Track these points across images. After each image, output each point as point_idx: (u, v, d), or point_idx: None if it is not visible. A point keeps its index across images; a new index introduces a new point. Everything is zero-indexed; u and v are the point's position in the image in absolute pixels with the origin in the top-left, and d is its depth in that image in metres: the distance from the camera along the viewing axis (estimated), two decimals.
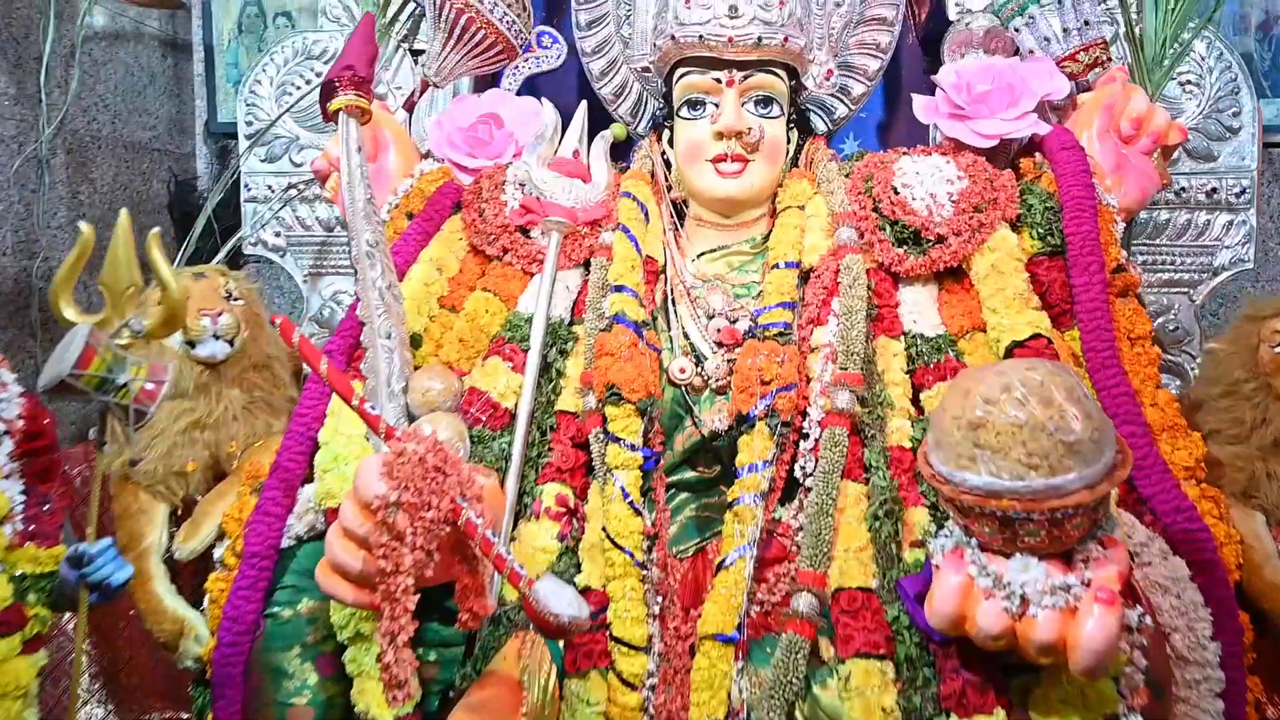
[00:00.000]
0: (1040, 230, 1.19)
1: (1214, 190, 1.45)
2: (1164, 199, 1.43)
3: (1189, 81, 1.42)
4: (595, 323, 1.18)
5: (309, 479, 1.08)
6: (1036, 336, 1.09)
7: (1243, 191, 1.44)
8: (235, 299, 1.33)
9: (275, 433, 1.20)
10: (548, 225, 1.23)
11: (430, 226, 1.30)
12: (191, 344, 1.30)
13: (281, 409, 1.28)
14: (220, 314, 1.29)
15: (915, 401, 1.13)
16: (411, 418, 1.13)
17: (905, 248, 1.19)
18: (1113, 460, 0.80)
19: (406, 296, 1.21)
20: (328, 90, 1.12)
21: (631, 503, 1.07)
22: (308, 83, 1.59)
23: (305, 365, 1.10)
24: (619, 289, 1.18)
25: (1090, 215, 1.15)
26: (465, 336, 1.21)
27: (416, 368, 1.19)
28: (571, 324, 1.23)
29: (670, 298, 1.25)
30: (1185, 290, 1.46)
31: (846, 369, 1.09)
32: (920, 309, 1.18)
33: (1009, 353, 1.10)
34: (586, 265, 1.26)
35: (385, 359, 1.11)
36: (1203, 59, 1.42)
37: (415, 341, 1.21)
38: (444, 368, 1.17)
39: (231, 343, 1.31)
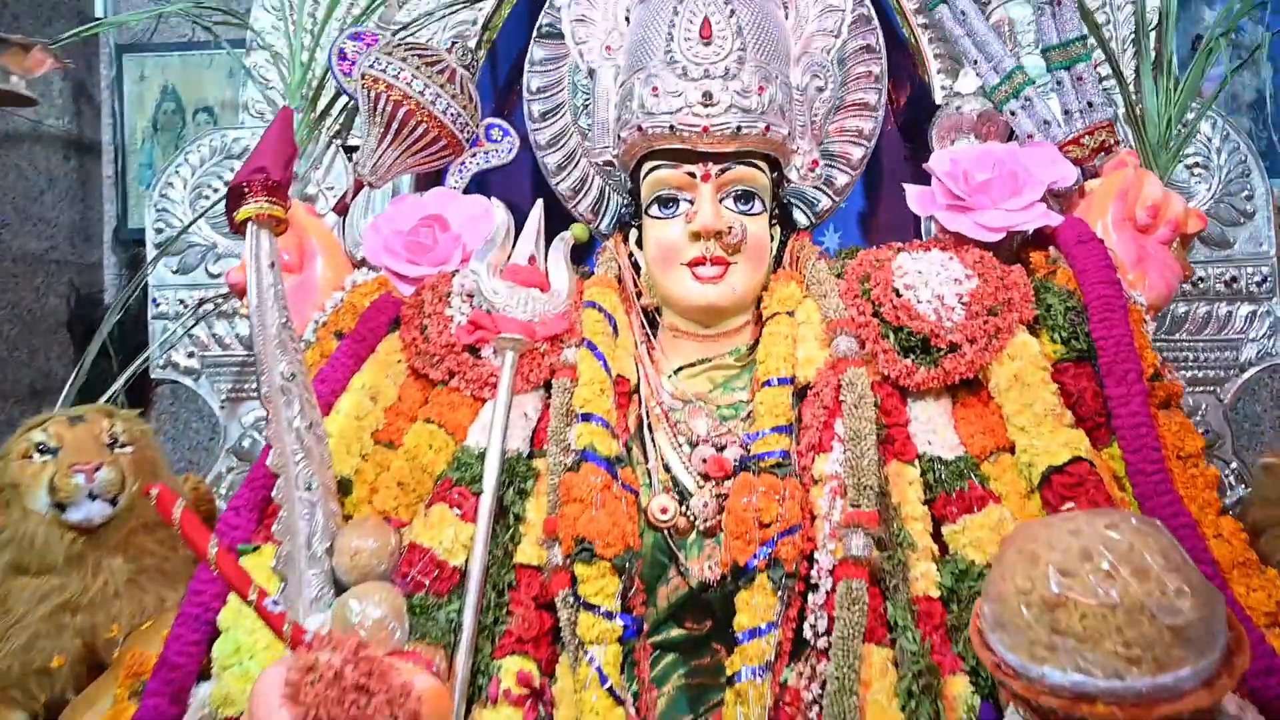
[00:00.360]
0: (1063, 333, 1.05)
1: (1234, 279, 1.34)
2: (1181, 290, 1.31)
3: (1197, 164, 1.32)
4: (559, 457, 1.01)
5: (207, 674, 0.87)
6: (1077, 460, 0.94)
7: (1264, 280, 1.33)
8: (122, 445, 1.11)
9: (169, 609, 0.98)
10: (501, 343, 1.06)
11: (363, 348, 1.12)
12: (62, 506, 1.08)
13: (180, 577, 1.04)
14: (99, 468, 1.06)
15: (936, 535, 0.96)
16: (339, 585, 0.93)
17: (913, 357, 1.04)
18: (1227, 644, 0.64)
19: (334, 434, 1.03)
20: (235, 196, 0.95)
21: (611, 689, 0.87)
22: (226, 184, 1.42)
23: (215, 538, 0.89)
24: (586, 418, 1.01)
25: (1120, 316, 1.02)
26: (405, 479, 1.03)
27: (347, 517, 1.01)
28: (531, 457, 1.05)
29: (646, 422, 1.09)
30: (1211, 389, 1.33)
31: (859, 505, 0.93)
32: (935, 427, 1.03)
33: (1046, 479, 0.95)
34: (547, 387, 1.09)
35: (304, 516, 0.92)
36: (1209, 140, 1.32)
37: (345, 487, 1.03)
38: (378, 521, 0.98)
39: (114, 501, 1.08)
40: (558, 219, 1.33)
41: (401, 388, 1.11)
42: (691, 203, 1.10)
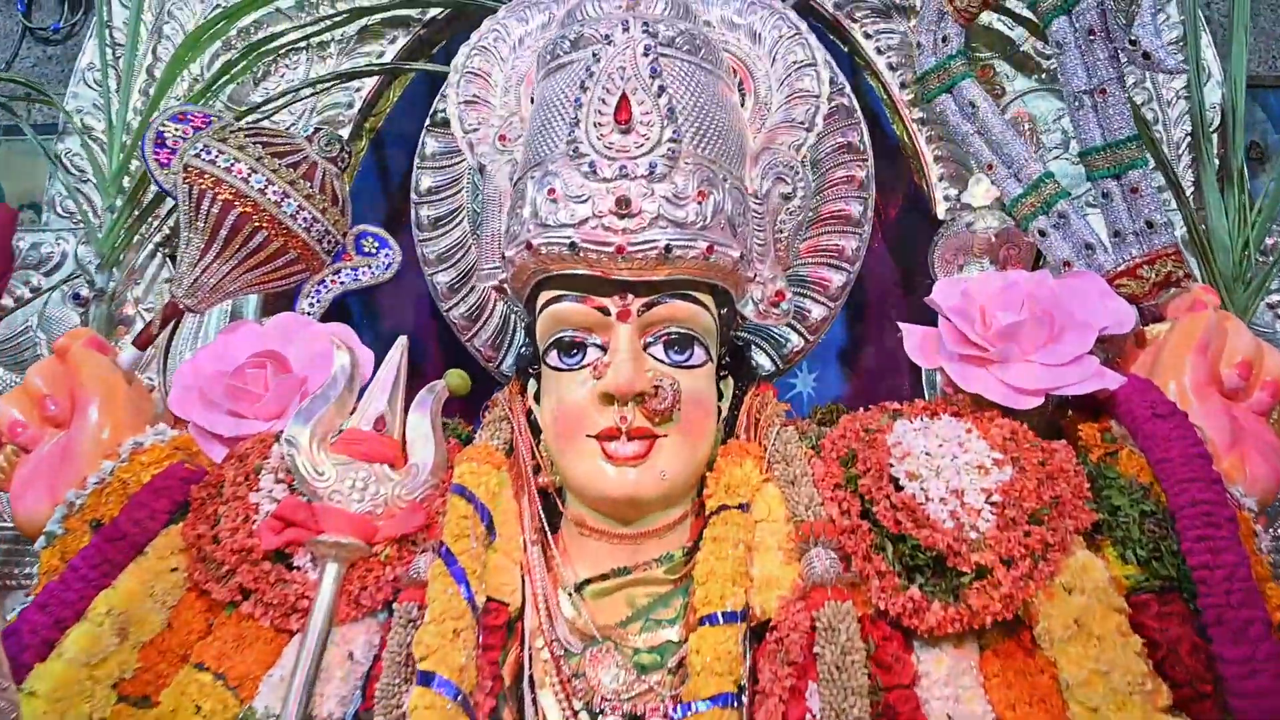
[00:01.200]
0: (1139, 551, 0.72)
1: None
2: None
3: None
4: None
5: None
6: None
7: None
8: None
9: None
10: (318, 548, 0.72)
11: (120, 550, 0.77)
12: None
13: None
14: None
15: None
16: None
17: (922, 584, 0.71)
18: None
19: (42, 693, 0.69)
20: None
21: None
22: (17, 301, 1.09)
23: None
24: (425, 680, 0.66)
25: (1229, 533, 0.69)
26: None
27: None
28: None
29: (528, 669, 0.74)
30: None
31: None
32: (956, 692, 0.72)
33: None
34: (392, 610, 0.74)
35: None
36: None
37: None
38: None
39: None
40: (451, 356, 1.03)
41: (175, 611, 0.77)
42: (604, 349, 0.77)
